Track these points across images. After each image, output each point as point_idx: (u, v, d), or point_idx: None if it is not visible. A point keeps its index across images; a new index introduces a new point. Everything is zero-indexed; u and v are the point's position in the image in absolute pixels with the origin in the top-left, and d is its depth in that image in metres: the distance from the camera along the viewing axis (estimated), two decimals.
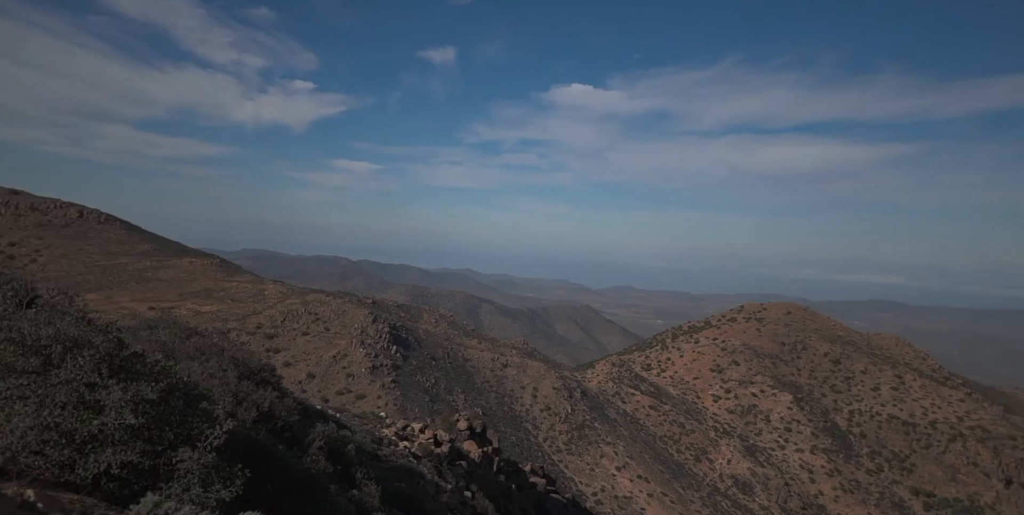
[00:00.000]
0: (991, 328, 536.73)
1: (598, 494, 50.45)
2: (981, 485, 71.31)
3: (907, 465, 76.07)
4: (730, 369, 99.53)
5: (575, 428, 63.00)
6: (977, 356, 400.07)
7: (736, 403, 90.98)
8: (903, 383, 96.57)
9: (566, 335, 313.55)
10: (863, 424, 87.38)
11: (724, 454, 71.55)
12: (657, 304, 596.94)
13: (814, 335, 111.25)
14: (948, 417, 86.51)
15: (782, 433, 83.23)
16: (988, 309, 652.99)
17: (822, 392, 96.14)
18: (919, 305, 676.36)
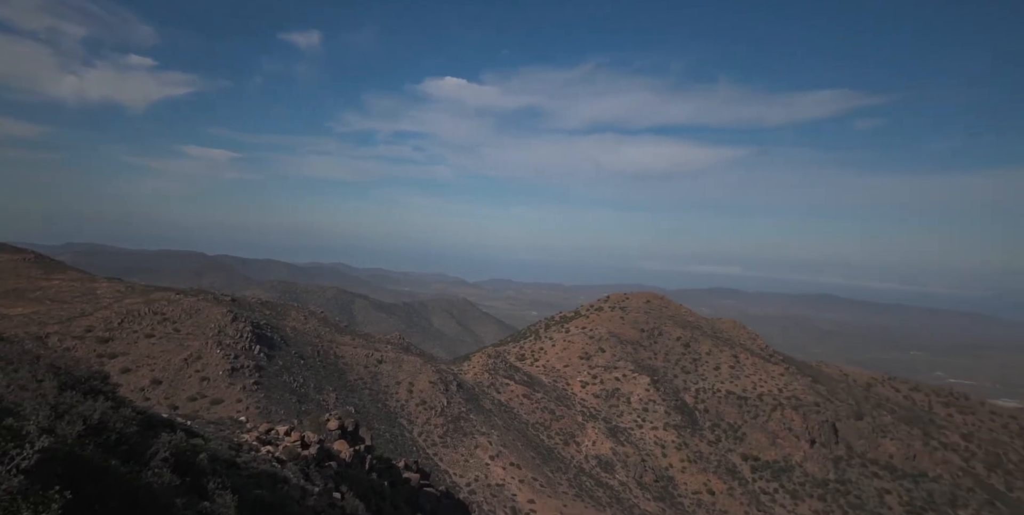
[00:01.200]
0: (803, 310, 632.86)
1: (472, 484, 51.47)
2: (793, 447, 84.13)
3: (739, 434, 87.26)
4: (597, 356, 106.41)
5: (451, 421, 63.57)
6: (792, 335, 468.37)
7: (601, 388, 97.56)
8: (739, 362, 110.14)
9: (443, 328, 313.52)
10: (706, 400, 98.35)
11: (590, 436, 76.69)
12: (532, 296, 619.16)
13: (669, 321, 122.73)
14: (771, 390, 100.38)
15: (640, 413, 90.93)
16: (800, 294, 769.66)
17: (674, 373, 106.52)
18: (752, 292, 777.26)
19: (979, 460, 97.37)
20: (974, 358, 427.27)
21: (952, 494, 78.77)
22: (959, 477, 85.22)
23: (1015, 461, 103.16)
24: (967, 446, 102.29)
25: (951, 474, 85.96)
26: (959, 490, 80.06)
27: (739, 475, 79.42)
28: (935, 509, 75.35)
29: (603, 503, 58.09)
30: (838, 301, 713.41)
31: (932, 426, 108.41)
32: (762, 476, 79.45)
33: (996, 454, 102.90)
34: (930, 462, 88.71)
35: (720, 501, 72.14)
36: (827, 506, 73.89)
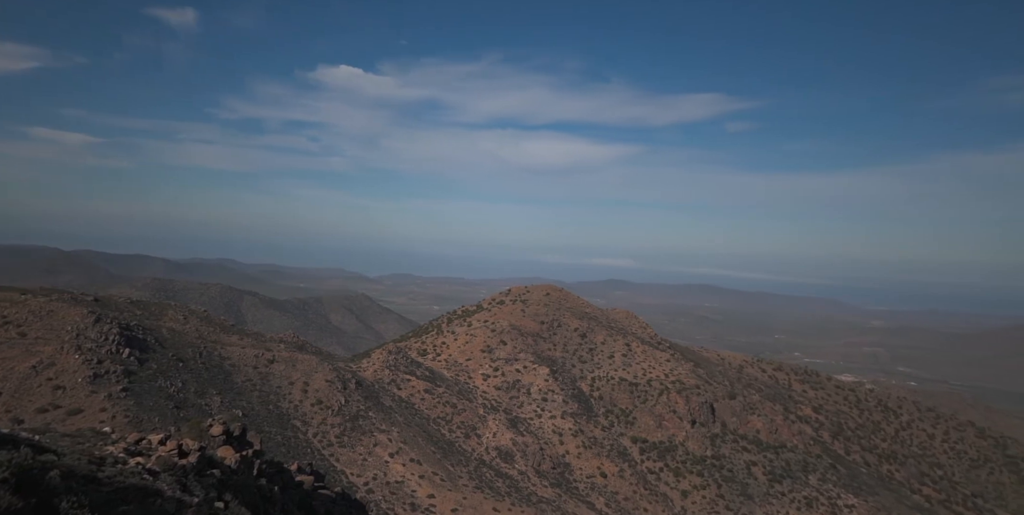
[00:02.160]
0: (686, 299, 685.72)
1: (370, 483, 50.41)
2: (677, 428, 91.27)
3: (630, 419, 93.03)
4: (499, 349, 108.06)
5: (349, 420, 61.64)
6: (677, 322, 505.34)
7: (503, 380, 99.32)
8: (631, 350, 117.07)
9: (341, 325, 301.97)
10: (601, 388, 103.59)
11: (491, 428, 77.96)
12: (435, 291, 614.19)
13: (567, 313, 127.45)
14: (659, 375, 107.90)
15: (540, 403, 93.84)
16: (685, 284, 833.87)
17: (572, 363, 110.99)
18: (643, 283, 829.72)
19: (826, 429, 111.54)
20: (824, 338, 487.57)
21: (804, 461, 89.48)
22: (810, 445, 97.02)
23: (852, 428, 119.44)
24: (817, 418, 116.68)
25: (804, 443, 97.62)
26: (810, 457, 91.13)
27: (629, 457, 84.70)
28: (791, 476, 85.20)
29: (502, 493, 59.42)
30: (716, 290, 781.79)
31: (791, 402, 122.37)
32: (649, 457, 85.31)
33: (839, 423, 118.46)
34: (788, 434, 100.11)
35: (612, 483, 76.53)
36: (704, 481, 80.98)
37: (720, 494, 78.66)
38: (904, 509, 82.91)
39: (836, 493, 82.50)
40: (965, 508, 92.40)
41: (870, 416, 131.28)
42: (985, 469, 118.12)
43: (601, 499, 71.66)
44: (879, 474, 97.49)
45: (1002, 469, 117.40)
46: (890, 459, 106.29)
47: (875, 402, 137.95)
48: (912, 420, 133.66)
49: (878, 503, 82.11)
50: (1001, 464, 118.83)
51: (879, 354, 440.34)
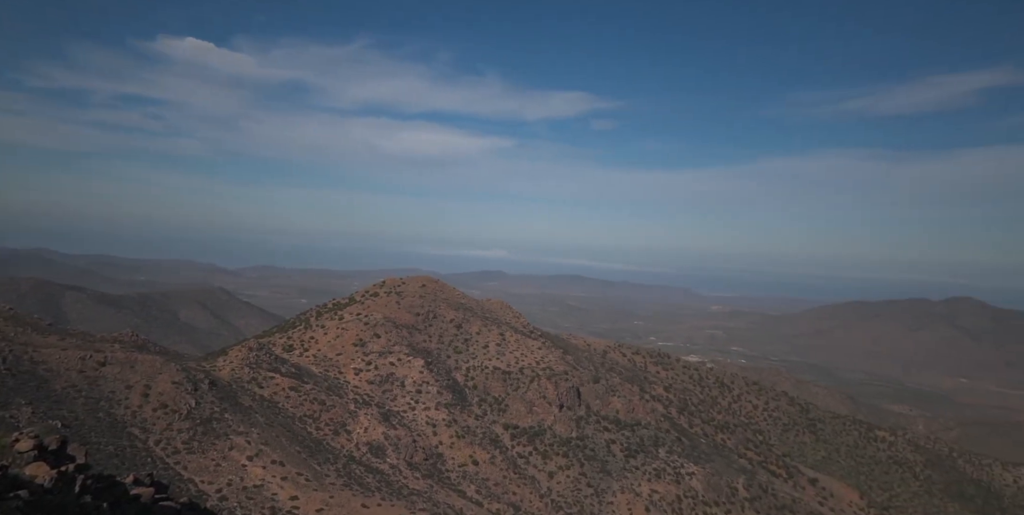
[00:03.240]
0: (556, 289, 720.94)
1: (223, 490, 46.59)
2: (546, 412, 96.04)
3: (503, 406, 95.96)
4: (372, 342, 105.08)
5: (200, 423, 56.13)
6: (548, 311, 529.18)
7: (376, 373, 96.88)
8: (505, 339, 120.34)
9: (193, 322, 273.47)
10: (475, 377, 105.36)
11: (362, 423, 75.85)
12: (303, 283, 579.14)
13: (443, 304, 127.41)
14: (531, 363, 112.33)
15: (414, 396, 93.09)
16: (555, 274, 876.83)
17: (447, 354, 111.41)
18: (516, 274, 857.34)
19: (674, 406, 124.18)
20: (675, 323, 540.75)
21: (656, 436, 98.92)
22: (661, 421, 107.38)
23: (695, 403, 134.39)
24: (667, 396, 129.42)
25: (656, 420, 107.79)
26: (660, 432, 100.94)
27: (501, 444, 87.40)
28: (644, 450, 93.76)
29: (372, 489, 58.24)
30: (584, 280, 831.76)
31: (646, 382, 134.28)
32: (520, 442, 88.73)
33: (684, 400, 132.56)
34: (643, 412, 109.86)
35: (483, 470, 78.48)
36: (569, 461, 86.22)
37: (583, 472, 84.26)
38: (732, 472, 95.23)
39: (680, 463, 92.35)
40: (777, 467, 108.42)
41: (709, 392, 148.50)
42: (793, 431, 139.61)
43: (472, 486, 73.22)
44: (714, 443, 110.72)
45: (805, 430, 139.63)
46: (723, 429, 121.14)
47: (713, 379, 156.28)
48: (741, 393, 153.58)
49: (712, 468, 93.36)
50: (804, 426, 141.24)
51: (717, 336, 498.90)
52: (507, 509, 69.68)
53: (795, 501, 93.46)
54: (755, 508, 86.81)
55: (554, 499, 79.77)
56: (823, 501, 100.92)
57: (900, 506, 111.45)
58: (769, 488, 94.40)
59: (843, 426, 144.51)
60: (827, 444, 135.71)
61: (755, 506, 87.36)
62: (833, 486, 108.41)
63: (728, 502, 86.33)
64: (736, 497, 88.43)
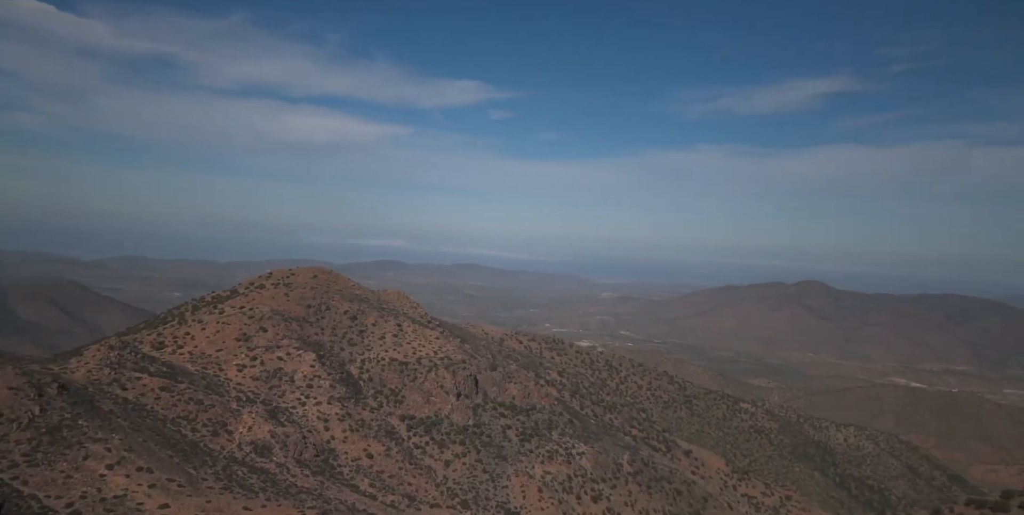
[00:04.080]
0: (455, 278, 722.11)
1: (76, 503, 41.63)
2: (444, 402, 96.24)
3: (399, 397, 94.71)
4: (257, 336, 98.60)
5: (46, 432, 49.33)
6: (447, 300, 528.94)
7: (262, 369, 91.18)
8: (402, 330, 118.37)
9: (38, 320, 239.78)
10: (371, 369, 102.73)
11: (245, 422, 71.15)
12: (176, 275, 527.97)
13: (337, 295, 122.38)
14: (429, 353, 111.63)
15: (304, 390, 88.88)
16: (454, 264, 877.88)
17: (341, 346, 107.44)
18: (415, 263, 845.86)
19: (567, 389, 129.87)
20: (568, 310, 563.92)
21: (550, 420, 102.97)
22: (555, 405, 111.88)
23: (586, 386, 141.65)
24: (561, 380, 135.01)
25: (550, 404, 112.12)
26: (554, 415, 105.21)
27: (397, 435, 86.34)
28: (538, 434, 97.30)
29: (256, 490, 54.97)
30: (482, 270, 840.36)
31: (541, 368, 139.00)
32: (416, 432, 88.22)
33: (577, 383, 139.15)
34: (538, 397, 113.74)
35: (378, 463, 77.13)
36: (465, 448, 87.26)
37: (479, 459, 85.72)
38: (618, 449, 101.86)
39: (571, 443, 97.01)
40: (658, 442, 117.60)
41: (599, 374, 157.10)
42: (672, 408, 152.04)
43: (366, 480, 71.73)
44: (603, 422, 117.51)
45: (682, 406, 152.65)
46: (611, 409, 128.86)
47: (603, 363, 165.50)
48: (628, 375, 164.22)
49: (601, 447, 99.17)
50: (682, 402, 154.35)
51: (607, 321, 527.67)
52: (402, 500, 69.16)
53: (672, 472, 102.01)
54: (637, 481, 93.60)
55: (450, 487, 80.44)
56: (695, 470, 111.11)
57: (757, 469, 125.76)
58: (650, 462, 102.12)
59: (714, 401, 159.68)
60: (700, 418, 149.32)
61: (638, 479, 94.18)
62: (704, 456, 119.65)
63: (614, 477, 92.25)
64: (621, 472, 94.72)
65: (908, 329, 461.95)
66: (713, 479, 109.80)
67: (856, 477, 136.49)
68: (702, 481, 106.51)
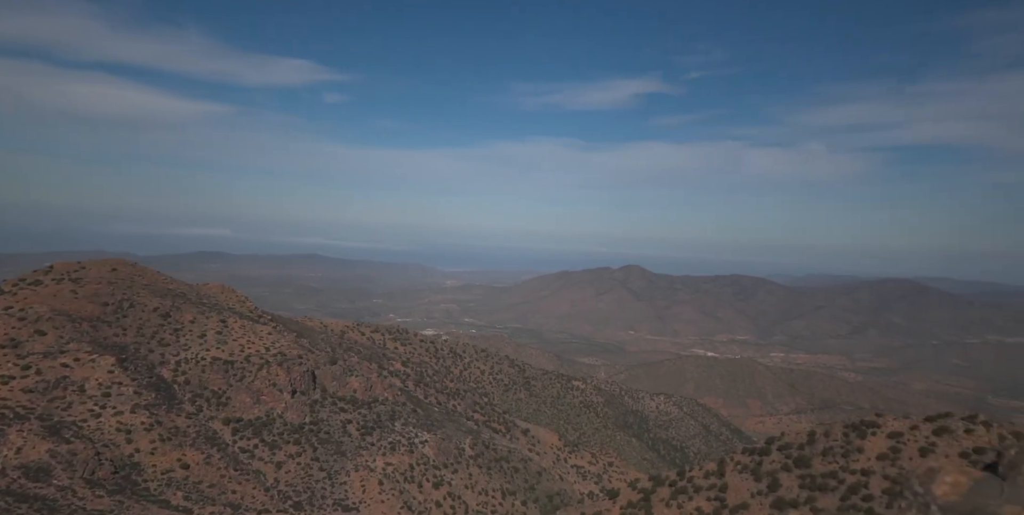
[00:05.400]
0: (291, 270, 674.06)
1: None
2: (276, 400, 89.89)
3: (224, 400, 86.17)
4: (32, 341, 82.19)
5: None
6: (282, 293, 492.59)
7: (39, 379, 76.38)
8: (227, 327, 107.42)
9: None
10: (188, 371, 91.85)
11: (12, 443, 59.05)
12: None
13: (143, 291, 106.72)
14: (259, 350, 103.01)
15: (99, 400, 76.53)
16: (289, 254, 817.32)
17: (150, 348, 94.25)
18: (242, 254, 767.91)
19: (411, 379, 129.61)
20: (413, 299, 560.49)
21: (393, 411, 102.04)
22: (398, 396, 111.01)
23: (431, 375, 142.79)
24: (405, 370, 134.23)
25: (394, 395, 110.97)
26: (397, 406, 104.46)
27: (219, 441, 78.69)
28: (381, 426, 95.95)
29: None
30: (320, 259, 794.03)
31: (385, 359, 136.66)
32: (244, 435, 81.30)
33: (421, 372, 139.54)
34: (381, 388, 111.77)
35: (195, 472, 69.72)
36: (300, 448, 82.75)
37: (315, 457, 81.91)
38: (460, 434, 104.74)
39: (415, 433, 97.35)
40: (498, 424, 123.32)
41: (443, 362, 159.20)
42: (512, 390, 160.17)
43: (179, 493, 64.41)
44: (447, 410, 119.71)
45: (521, 388, 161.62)
46: (455, 395, 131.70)
47: (448, 350, 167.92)
48: (472, 361, 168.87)
49: (443, 434, 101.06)
50: (521, 384, 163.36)
51: (452, 309, 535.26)
52: (224, 510, 63.40)
53: (511, 452, 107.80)
54: (478, 464, 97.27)
55: (282, 490, 75.82)
56: (532, 447, 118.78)
57: (586, 441, 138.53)
58: (491, 444, 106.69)
59: (550, 381, 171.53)
60: (537, 398, 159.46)
61: (478, 462, 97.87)
62: (540, 433, 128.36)
63: (456, 462, 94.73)
64: (463, 456, 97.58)
65: (706, 306, 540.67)
66: (547, 454, 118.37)
67: (664, 439, 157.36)
68: (538, 457, 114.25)
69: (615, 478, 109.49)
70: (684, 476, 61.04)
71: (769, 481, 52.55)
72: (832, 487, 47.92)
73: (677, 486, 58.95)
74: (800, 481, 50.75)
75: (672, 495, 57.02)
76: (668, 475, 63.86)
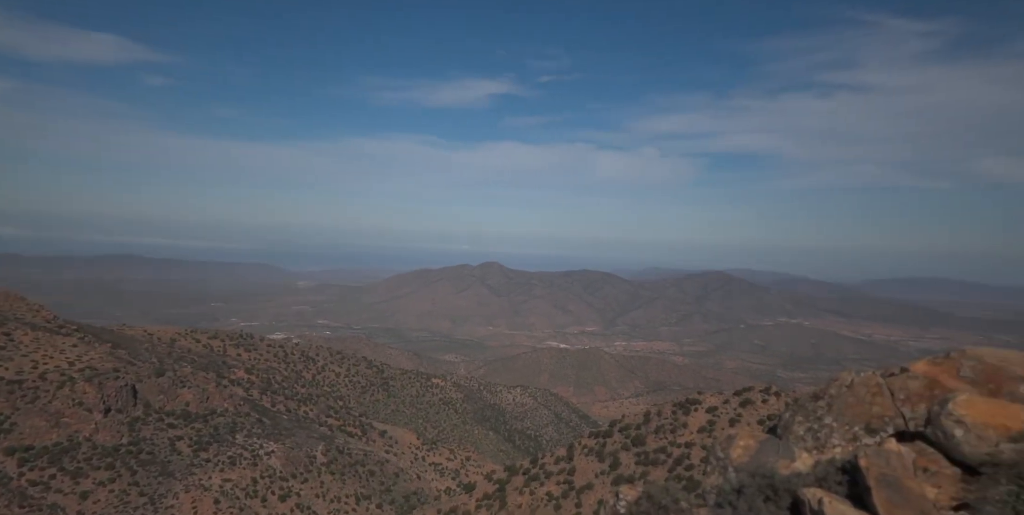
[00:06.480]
0: (104, 273, 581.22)
1: None
2: (83, 421, 76.96)
3: (7, 426, 71.66)
4: None
5: None
6: (93, 300, 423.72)
7: None
8: (12, 340, 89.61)
9: None
10: None
11: None
12: None
13: None
14: (61, 364, 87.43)
15: None
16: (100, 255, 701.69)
17: None
18: (38, 255, 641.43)
19: (256, 387, 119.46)
20: (259, 302, 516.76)
21: (234, 422, 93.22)
22: (241, 406, 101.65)
23: (279, 381, 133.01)
24: (249, 378, 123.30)
25: (235, 405, 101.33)
26: (239, 417, 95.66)
27: (2, 472, 65.42)
28: (219, 440, 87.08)
29: None
30: (142, 260, 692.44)
31: (225, 367, 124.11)
32: (37, 465, 68.48)
33: (268, 379, 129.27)
34: (220, 399, 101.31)
35: None
36: (115, 472, 71.97)
37: (134, 482, 71.78)
38: (312, 441, 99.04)
39: (259, 444, 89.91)
40: (354, 427, 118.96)
41: (295, 367, 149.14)
42: (370, 392, 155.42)
43: None
44: (297, 417, 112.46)
45: (379, 389, 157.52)
46: (307, 401, 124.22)
47: (299, 354, 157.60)
48: (326, 364, 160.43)
49: (293, 442, 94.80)
50: (379, 385, 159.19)
51: (305, 311, 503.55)
52: None
53: (367, 455, 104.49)
54: (331, 470, 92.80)
55: None
56: (390, 449, 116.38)
57: (445, 438, 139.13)
58: (345, 449, 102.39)
59: (409, 380, 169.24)
60: (396, 398, 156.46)
61: (331, 468, 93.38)
62: (398, 434, 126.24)
63: (306, 471, 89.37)
64: (314, 464, 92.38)
65: (559, 300, 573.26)
66: (405, 454, 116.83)
67: (519, 430, 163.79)
68: (395, 458, 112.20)
69: (473, 472, 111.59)
70: (537, 463, 64.36)
71: (611, 461, 57.53)
72: (662, 461, 53.90)
73: (530, 473, 61.93)
74: (636, 458, 56.27)
75: (526, 482, 59.77)
76: (522, 464, 66.82)
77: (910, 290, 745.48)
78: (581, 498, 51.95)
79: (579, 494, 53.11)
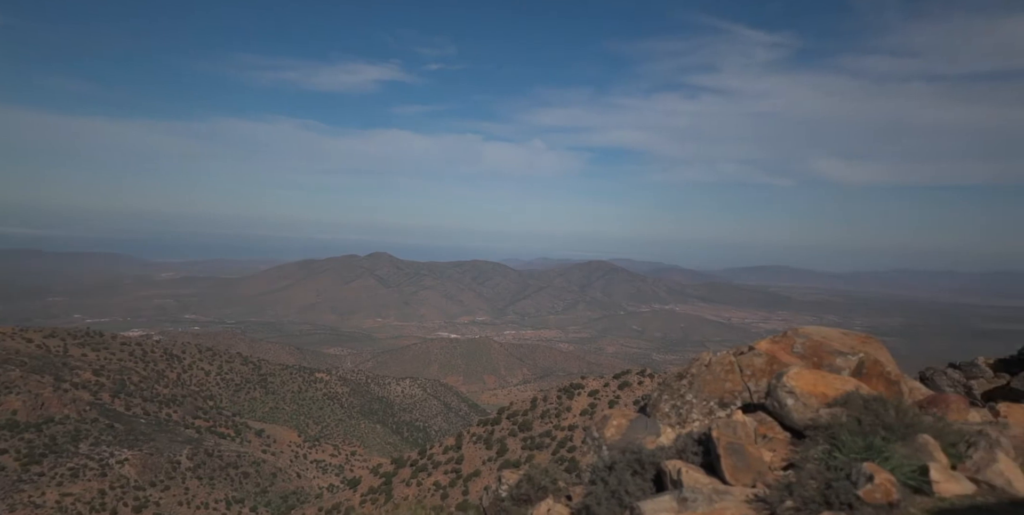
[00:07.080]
0: None
1: None
2: None
3: None
4: None
5: None
6: None
7: None
8: None
9: None
10: None
11: None
12: None
13: None
14: None
15: None
16: None
17: None
18: None
19: (107, 390, 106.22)
20: (111, 296, 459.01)
21: (77, 430, 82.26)
22: (87, 411, 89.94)
23: (136, 382, 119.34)
24: (98, 380, 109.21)
25: (79, 411, 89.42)
26: (84, 424, 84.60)
27: None
28: (56, 450, 76.44)
29: None
30: None
31: (66, 369, 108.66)
32: None
33: (122, 380, 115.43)
34: (59, 405, 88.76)
35: None
36: None
37: None
38: (176, 446, 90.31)
39: (109, 452, 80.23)
40: (226, 428, 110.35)
41: (155, 366, 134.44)
42: (245, 389, 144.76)
43: None
44: (158, 420, 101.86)
45: (256, 387, 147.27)
46: (170, 403, 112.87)
47: (161, 352, 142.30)
48: (193, 362, 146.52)
49: (152, 448, 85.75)
50: (256, 383, 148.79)
51: (168, 305, 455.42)
52: None
53: (240, 456, 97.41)
54: (198, 475, 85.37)
55: None
56: (267, 448, 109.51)
57: (328, 434, 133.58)
58: (215, 451, 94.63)
59: (290, 375, 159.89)
60: (275, 395, 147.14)
61: (198, 473, 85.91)
62: (277, 432, 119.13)
63: (168, 479, 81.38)
64: (178, 470, 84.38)
65: (450, 291, 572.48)
66: (284, 453, 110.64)
67: (408, 422, 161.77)
68: (272, 457, 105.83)
69: (358, 467, 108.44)
70: (425, 454, 64.02)
71: (499, 447, 58.80)
72: (547, 444, 56.10)
73: (418, 465, 61.47)
74: (523, 443, 58.05)
75: (413, 474, 59.27)
76: (410, 456, 66.14)
77: (760, 277, 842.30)
78: (468, 486, 52.58)
79: (466, 482, 53.72)
